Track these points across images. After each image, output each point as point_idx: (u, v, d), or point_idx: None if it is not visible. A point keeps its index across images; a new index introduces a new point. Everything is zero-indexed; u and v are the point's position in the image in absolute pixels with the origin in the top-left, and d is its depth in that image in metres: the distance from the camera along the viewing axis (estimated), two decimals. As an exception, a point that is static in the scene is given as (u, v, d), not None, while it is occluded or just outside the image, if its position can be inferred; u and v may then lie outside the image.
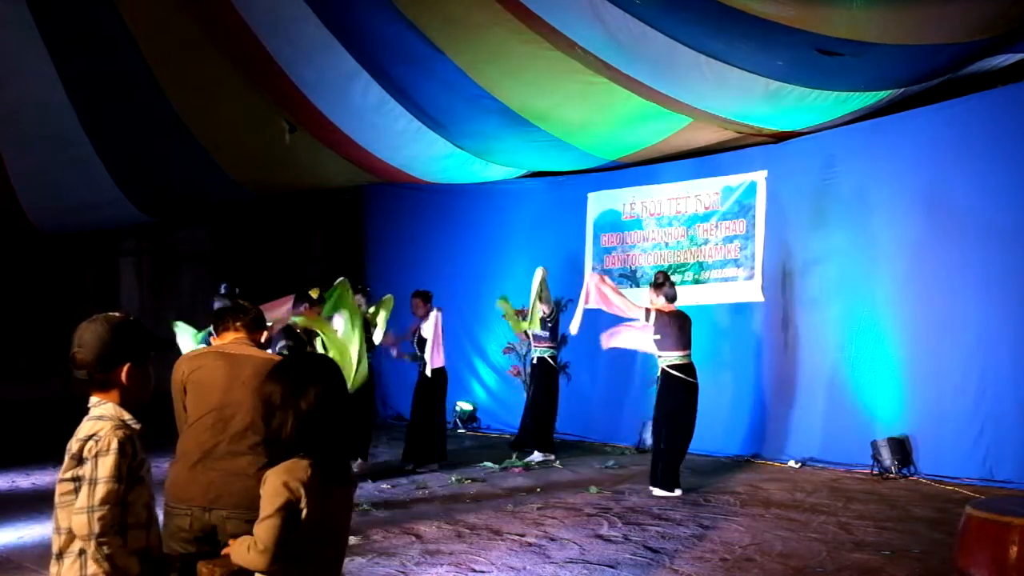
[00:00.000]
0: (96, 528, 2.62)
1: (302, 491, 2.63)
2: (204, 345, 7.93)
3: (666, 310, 8.27)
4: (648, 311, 8.28)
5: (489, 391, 12.52)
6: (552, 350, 10.20)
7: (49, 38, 9.50)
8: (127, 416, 2.79)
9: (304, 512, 2.64)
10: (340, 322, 7.97)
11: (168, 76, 10.06)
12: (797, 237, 9.98)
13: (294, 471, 2.66)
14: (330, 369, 2.82)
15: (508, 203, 12.49)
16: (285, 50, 9.66)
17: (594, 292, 8.61)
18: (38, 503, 7.91)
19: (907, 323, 9.12)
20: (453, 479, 8.97)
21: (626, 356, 10.34)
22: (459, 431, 12.30)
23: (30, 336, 13.33)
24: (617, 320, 8.99)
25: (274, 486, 2.65)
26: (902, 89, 8.95)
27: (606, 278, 9.10)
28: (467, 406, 12.58)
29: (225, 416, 3.82)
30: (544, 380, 10.18)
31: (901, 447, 8.89)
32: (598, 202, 11.65)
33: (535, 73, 9.41)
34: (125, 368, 2.79)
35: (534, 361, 10.30)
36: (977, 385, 8.50)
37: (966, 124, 8.80)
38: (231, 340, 4.12)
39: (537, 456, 10.01)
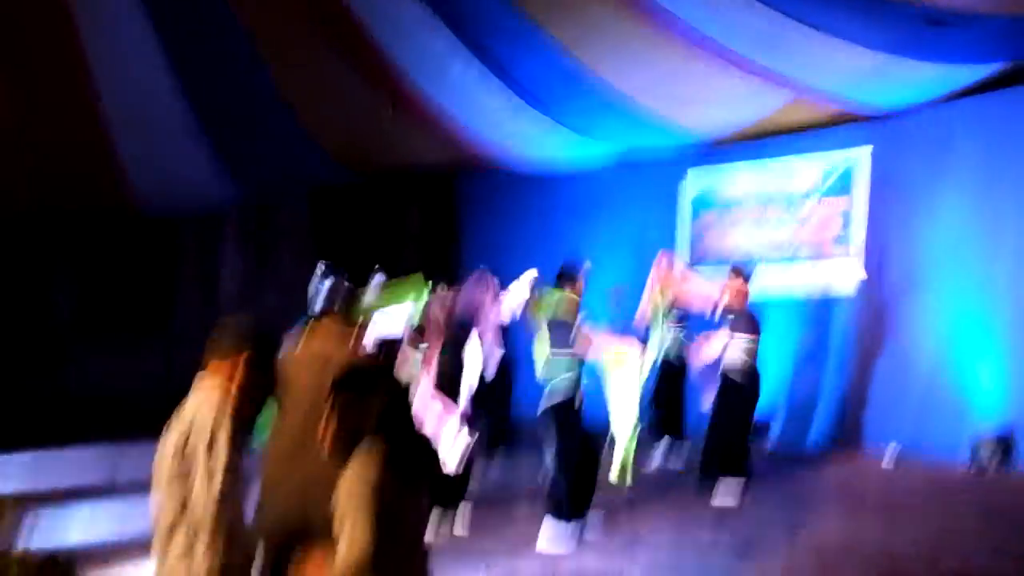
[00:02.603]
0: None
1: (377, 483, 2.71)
2: None
3: (744, 291, 7.99)
4: (723, 291, 8.09)
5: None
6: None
7: (158, 19, 9.76)
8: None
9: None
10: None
11: (271, 54, 10.25)
12: (903, 216, 9.74)
13: (367, 466, 2.76)
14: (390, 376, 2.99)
15: (602, 191, 12.44)
16: (384, 27, 9.74)
17: (665, 270, 8.28)
18: (139, 490, 7.91)
19: (1012, 311, 8.82)
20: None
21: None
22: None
23: (136, 314, 13.71)
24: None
25: (355, 486, 2.74)
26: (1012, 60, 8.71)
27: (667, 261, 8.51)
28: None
29: (315, 418, 3.87)
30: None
31: (1004, 443, 8.61)
32: (694, 180, 11.53)
33: (635, 48, 9.34)
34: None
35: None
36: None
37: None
38: (325, 329, 4.26)
39: None
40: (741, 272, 8.06)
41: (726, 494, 7.69)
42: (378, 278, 9.18)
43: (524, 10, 9.10)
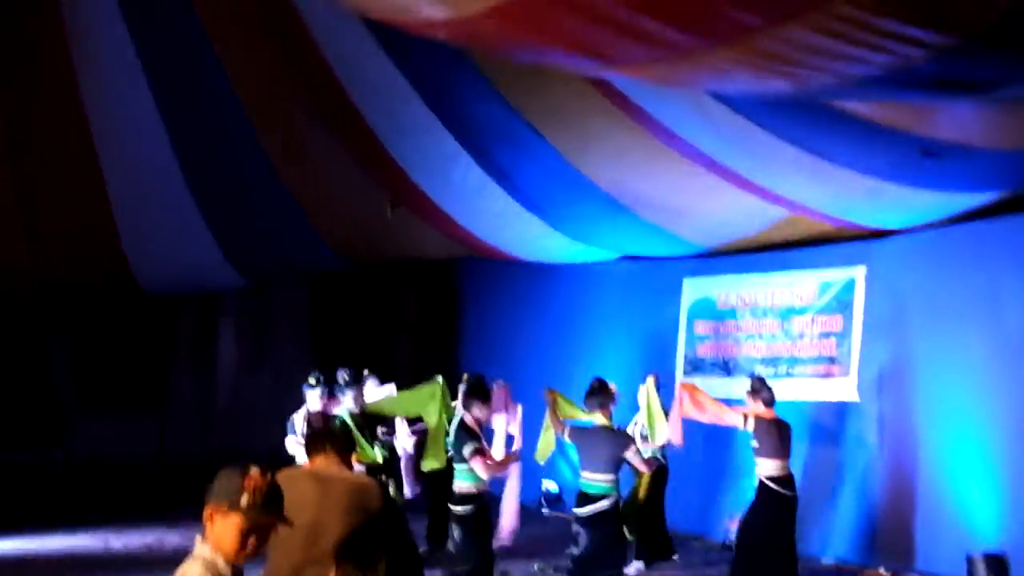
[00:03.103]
0: None
1: None
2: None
3: (766, 416, 8.10)
4: (746, 417, 8.11)
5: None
6: None
7: (164, 105, 9.95)
8: (221, 563, 2.75)
9: None
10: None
11: (275, 147, 10.41)
12: (897, 337, 9.74)
13: None
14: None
15: (603, 284, 12.50)
16: (389, 129, 9.88)
17: (688, 401, 8.43)
18: (130, 567, 8.02)
19: (1009, 433, 8.79)
20: (536, 567, 8.87)
21: (723, 438, 10.16)
22: (543, 511, 12.20)
23: (129, 391, 13.72)
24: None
25: None
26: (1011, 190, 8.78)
27: (697, 386, 8.85)
28: (553, 486, 12.48)
29: (315, 533, 3.92)
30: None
31: (998, 562, 8.54)
32: (693, 289, 11.58)
33: (635, 159, 9.44)
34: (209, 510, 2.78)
35: None
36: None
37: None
38: (323, 462, 4.27)
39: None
40: (760, 392, 8.16)
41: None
42: (371, 381, 9.28)
43: (527, 118, 9.22)
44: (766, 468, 8.03)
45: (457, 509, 7.04)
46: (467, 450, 6.84)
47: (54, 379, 13.71)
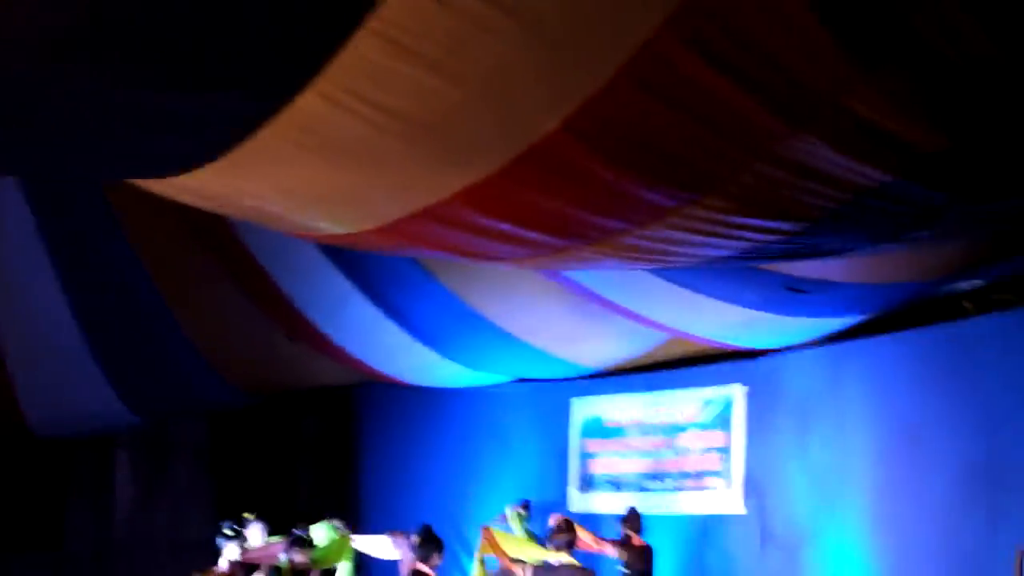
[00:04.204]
0: None
1: None
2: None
3: (636, 544, 8.61)
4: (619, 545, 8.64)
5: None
6: None
7: (56, 254, 10.05)
8: None
9: None
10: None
11: (170, 288, 10.56)
12: (776, 452, 10.27)
13: None
14: None
15: (498, 406, 12.83)
16: (282, 268, 10.16)
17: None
18: None
19: (883, 552, 9.26)
20: None
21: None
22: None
23: (23, 527, 13.45)
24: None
25: None
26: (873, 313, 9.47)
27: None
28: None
29: None
30: None
31: None
32: (581, 408, 12.02)
33: (523, 293, 9.91)
34: None
35: None
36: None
37: (936, 354, 9.15)
38: None
39: None
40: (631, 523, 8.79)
41: None
42: (257, 526, 9.38)
43: (418, 261, 9.63)
44: None
45: None
46: None
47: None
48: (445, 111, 3.88)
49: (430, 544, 7.45)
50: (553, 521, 8.59)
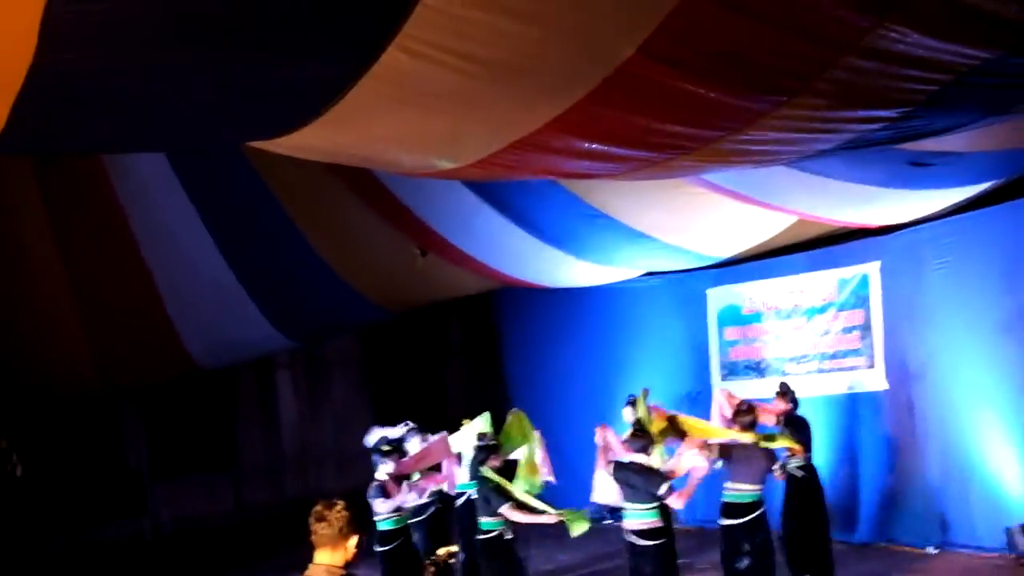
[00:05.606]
0: None
1: None
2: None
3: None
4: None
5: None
6: None
7: (197, 200, 10.58)
8: None
9: None
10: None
11: (304, 219, 11.01)
12: (916, 325, 10.17)
13: None
14: None
15: (633, 301, 13.00)
16: (410, 192, 10.45)
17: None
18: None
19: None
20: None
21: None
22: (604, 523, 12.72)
23: (201, 454, 14.46)
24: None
25: None
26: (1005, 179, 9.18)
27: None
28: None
29: None
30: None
31: (1036, 531, 8.97)
32: (717, 298, 12.06)
33: (642, 190, 9.94)
34: None
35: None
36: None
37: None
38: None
39: None
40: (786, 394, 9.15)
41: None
42: (416, 438, 9.80)
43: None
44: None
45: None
46: None
47: (130, 451, 14.47)
48: (526, 51, 4.00)
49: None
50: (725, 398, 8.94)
